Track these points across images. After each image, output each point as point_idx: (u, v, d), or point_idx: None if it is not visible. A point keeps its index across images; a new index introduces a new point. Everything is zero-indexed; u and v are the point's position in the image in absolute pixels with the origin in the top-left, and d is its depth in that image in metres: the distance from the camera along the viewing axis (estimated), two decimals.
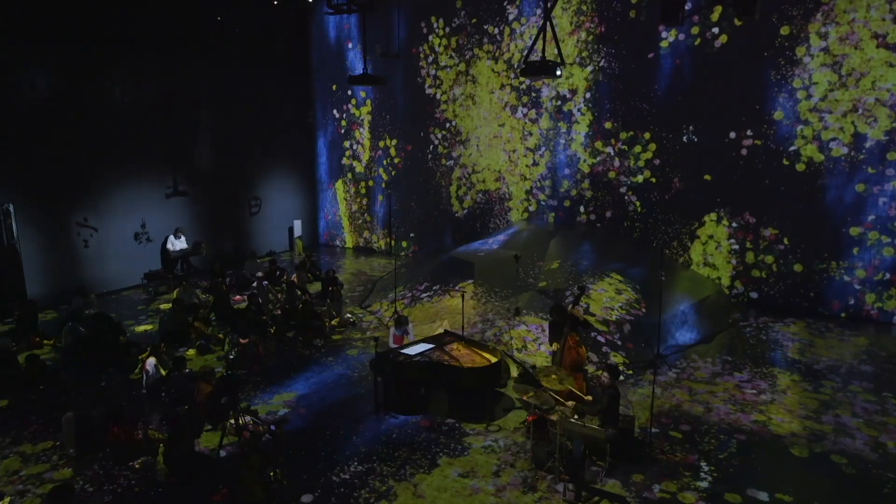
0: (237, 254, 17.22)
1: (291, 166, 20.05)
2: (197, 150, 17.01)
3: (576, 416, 7.75)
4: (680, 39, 14.13)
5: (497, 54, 16.59)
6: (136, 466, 7.85)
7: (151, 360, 9.87)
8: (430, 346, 9.83)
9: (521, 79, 16.08)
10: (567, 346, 8.76)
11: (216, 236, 17.58)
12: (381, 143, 19.11)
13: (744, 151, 13.82)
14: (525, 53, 15.40)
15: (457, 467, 7.84)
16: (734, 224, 14.17)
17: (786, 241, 13.73)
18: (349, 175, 20.05)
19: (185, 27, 15.97)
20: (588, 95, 15.46)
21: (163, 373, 9.81)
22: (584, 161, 15.76)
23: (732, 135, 13.88)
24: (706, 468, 7.82)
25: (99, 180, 14.81)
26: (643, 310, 11.99)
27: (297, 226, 19.91)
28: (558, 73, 11.93)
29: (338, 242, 20.85)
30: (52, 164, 13.86)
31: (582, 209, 16.01)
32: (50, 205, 13.95)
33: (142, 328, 12.92)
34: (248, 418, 8.26)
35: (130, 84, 15.11)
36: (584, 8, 15.13)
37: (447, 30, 17.20)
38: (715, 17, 13.68)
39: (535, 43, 13.34)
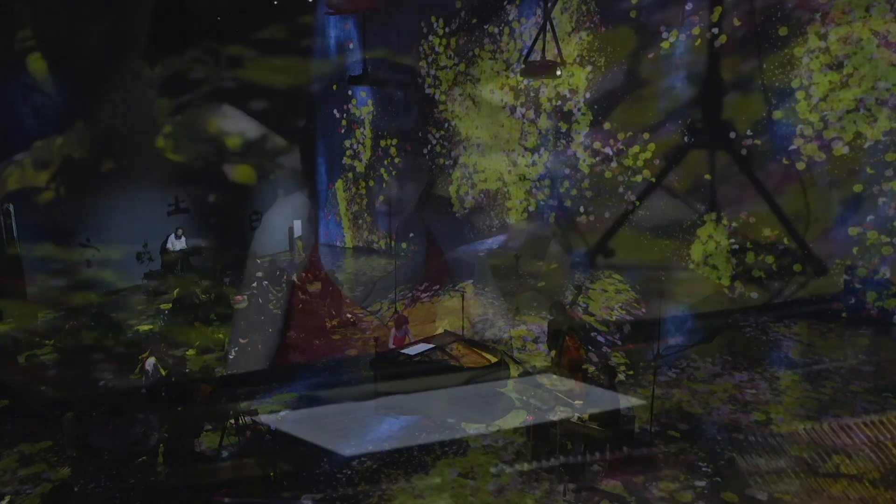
0: (237, 261, 17.26)
1: (291, 166, 20.01)
2: (197, 163, 17.01)
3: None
4: (680, 39, 14.12)
5: (497, 54, 16.57)
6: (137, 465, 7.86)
7: (151, 360, 9.86)
8: (430, 346, 9.83)
9: (521, 78, 16.06)
10: (566, 346, 8.77)
11: (216, 245, 17.56)
12: (382, 143, 19.10)
13: (743, 151, 13.81)
14: (525, 53, 15.38)
15: (456, 467, 7.84)
16: (734, 224, 14.15)
17: (786, 240, 13.71)
18: (349, 175, 20.04)
19: (183, 27, 15.94)
20: (588, 95, 15.45)
21: (163, 373, 9.81)
22: (584, 161, 15.74)
23: (732, 135, 13.87)
24: (705, 468, 7.82)
25: (101, 194, 14.82)
26: (643, 310, 12.00)
27: (297, 226, 19.89)
28: (558, 73, 11.94)
29: (338, 242, 20.83)
30: (55, 168, 13.85)
31: (581, 209, 15.98)
32: (52, 208, 13.94)
33: (142, 328, 12.93)
34: (248, 418, 8.27)
35: (132, 94, 15.13)
36: (585, 8, 15.12)
37: (447, 30, 17.19)
38: (715, 17, 13.67)
39: (535, 43, 13.33)
